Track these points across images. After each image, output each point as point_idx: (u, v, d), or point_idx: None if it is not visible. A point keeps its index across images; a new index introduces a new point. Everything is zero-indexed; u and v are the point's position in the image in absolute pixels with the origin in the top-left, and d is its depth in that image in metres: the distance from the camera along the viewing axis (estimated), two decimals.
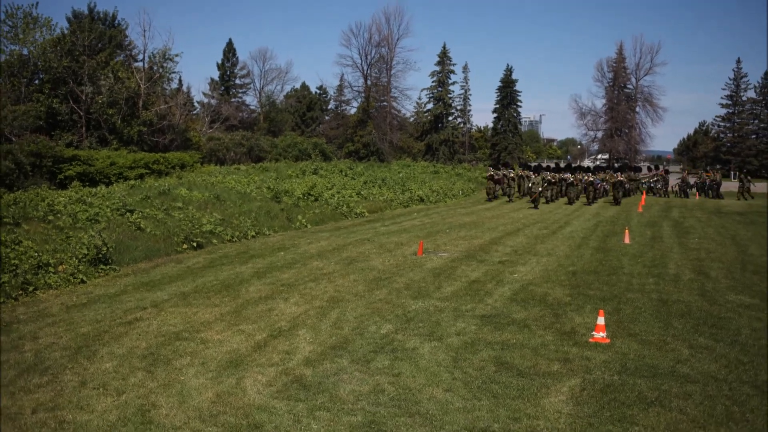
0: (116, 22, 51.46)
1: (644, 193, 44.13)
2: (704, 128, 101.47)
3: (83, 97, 42.99)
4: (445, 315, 12.68)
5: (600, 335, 11.21)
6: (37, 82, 45.10)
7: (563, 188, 40.67)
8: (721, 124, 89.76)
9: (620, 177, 40.39)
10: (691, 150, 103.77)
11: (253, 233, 22.33)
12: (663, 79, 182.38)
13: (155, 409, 8.29)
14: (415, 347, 10.72)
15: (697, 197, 44.23)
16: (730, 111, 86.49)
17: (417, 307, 13.29)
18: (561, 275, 16.63)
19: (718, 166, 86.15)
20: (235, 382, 9.18)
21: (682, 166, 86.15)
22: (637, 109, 76.17)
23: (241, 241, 21.33)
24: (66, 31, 46.10)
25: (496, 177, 41.15)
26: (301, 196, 28.90)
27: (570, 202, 37.97)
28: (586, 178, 40.24)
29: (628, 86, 76.54)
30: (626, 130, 75.96)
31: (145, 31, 67.79)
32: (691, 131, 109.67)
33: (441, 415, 8.16)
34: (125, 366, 9.76)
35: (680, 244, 22.27)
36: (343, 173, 42.84)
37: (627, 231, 23.42)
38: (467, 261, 18.27)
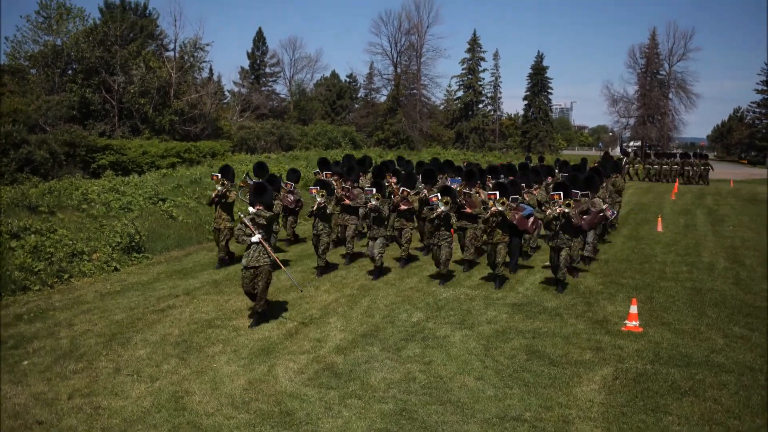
0: (147, 12, 51.75)
1: (677, 180, 43.57)
2: (739, 114, 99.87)
3: (115, 87, 43.32)
4: (476, 303, 12.65)
5: (633, 324, 11.12)
6: (70, 72, 45.47)
7: None
8: (757, 110, 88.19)
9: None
10: (725, 137, 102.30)
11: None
12: (697, 64, 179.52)
13: (188, 396, 8.37)
14: (446, 335, 10.71)
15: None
16: (766, 97, 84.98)
17: (448, 295, 13.27)
18: (593, 263, 16.50)
19: (753, 153, 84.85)
20: (267, 369, 9.24)
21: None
22: (670, 95, 74.97)
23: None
24: (98, 22, 46.45)
25: None
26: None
27: None
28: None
29: (661, 72, 75.37)
30: (659, 117, 74.84)
31: (176, 20, 68.40)
32: (726, 118, 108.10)
33: (472, 403, 8.15)
34: (158, 353, 9.86)
35: (714, 232, 21.98)
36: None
37: (660, 219, 23.15)
38: None
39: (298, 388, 8.60)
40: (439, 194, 14.05)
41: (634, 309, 11.30)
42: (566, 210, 13.02)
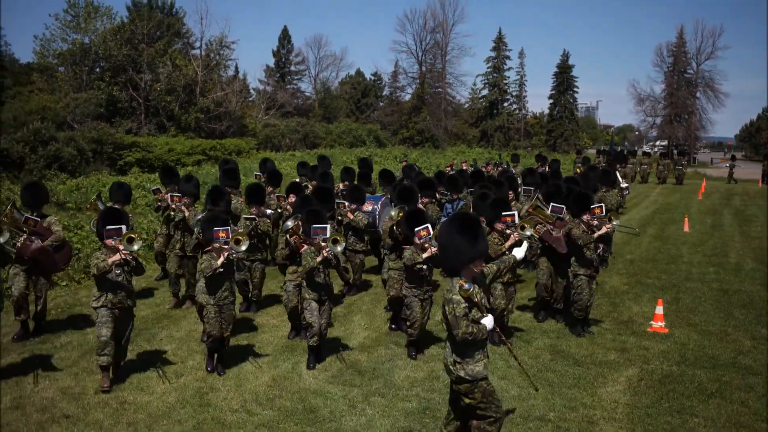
0: (174, 10, 52.08)
1: (704, 179, 43.15)
2: None
3: (142, 85, 43.66)
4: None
5: (658, 325, 11.03)
6: (98, 70, 45.88)
7: None
8: None
9: None
10: (753, 136, 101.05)
11: None
12: (725, 63, 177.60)
13: (213, 392, 8.43)
14: None
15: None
16: None
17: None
18: (618, 263, 16.39)
19: None
20: (291, 366, 9.27)
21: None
22: (698, 94, 74.07)
23: None
24: (126, 20, 46.84)
25: None
26: (356, 182, 28.92)
27: None
28: None
29: (689, 71, 74.52)
30: (686, 116, 74.02)
31: (202, 18, 69.03)
32: (754, 117, 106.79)
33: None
34: (184, 349, 9.94)
35: (742, 232, 21.73)
36: (398, 160, 42.75)
37: (686, 219, 22.94)
38: None
39: (321, 386, 8.62)
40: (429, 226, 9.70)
41: (659, 310, 11.21)
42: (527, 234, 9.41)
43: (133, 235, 8.38)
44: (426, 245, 9.45)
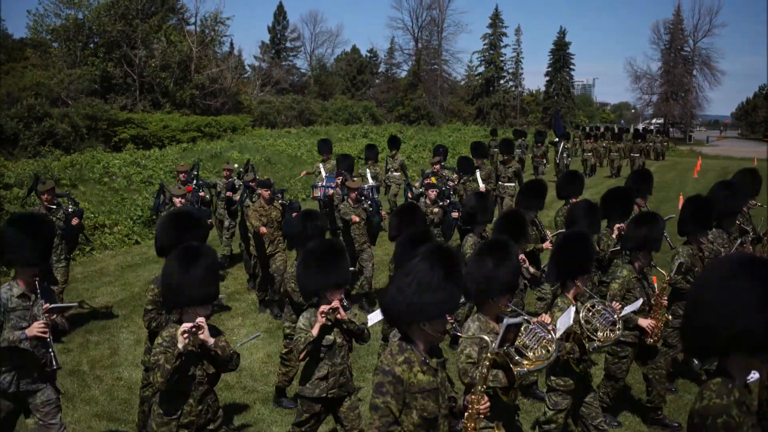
0: None
1: (700, 158, 43.15)
2: (764, 92, 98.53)
3: (137, 61, 43.38)
4: None
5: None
6: (92, 46, 45.54)
7: None
8: None
9: None
10: (750, 114, 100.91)
11: (304, 196, 22.43)
12: (722, 41, 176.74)
13: None
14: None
15: None
16: None
17: None
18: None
19: None
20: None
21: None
22: (694, 72, 73.97)
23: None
24: None
25: None
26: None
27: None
28: None
29: (686, 49, 74.32)
30: (682, 94, 73.90)
31: None
32: (751, 95, 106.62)
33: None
34: None
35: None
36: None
37: (681, 197, 22.93)
38: None
39: None
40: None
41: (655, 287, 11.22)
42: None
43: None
44: None
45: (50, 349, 5.57)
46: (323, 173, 13.99)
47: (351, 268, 6.76)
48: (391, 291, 4.11)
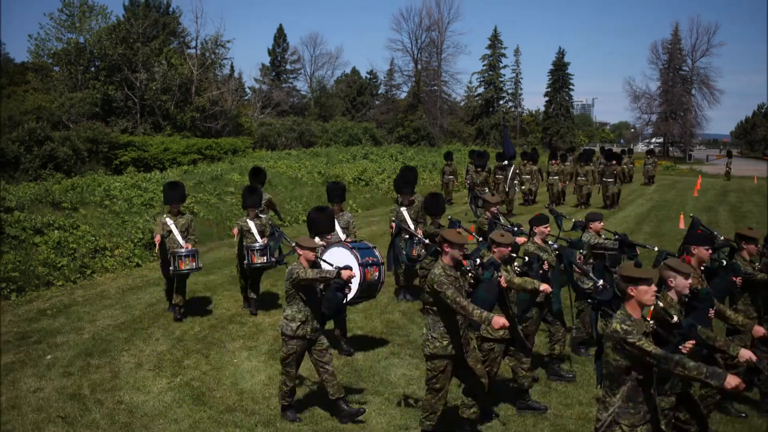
0: (170, 9, 52.03)
1: (700, 176, 43.19)
2: (763, 110, 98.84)
3: (138, 84, 43.59)
4: None
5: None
6: (93, 69, 45.81)
7: None
8: None
9: None
10: (749, 133, 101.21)
11: (304, 218, 22.41)
12: (720, 60, 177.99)
13: (209, 392, 8.43)
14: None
15: None
16: None
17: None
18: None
19: None
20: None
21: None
22: (693, 91, 74.28)
23: (293, 225, 21.46)
24: (121, 19, 46.80)
25: None
26: (351, 180, 28.95)
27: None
28: None
29: (684, 68, 74.70)
30: (681, 113, 74.17)
31: (197, 18, 67.86)
32: (750, 114, 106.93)
33: (493, 399, 8.14)
34: (179, 348, 9.93)
35: (737, 229, 21.69)
36: (394, 158, 42.70)
37: (682, 216, 22.96)
38: None
39: (318, 384, 8.62)
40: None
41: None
42: None
43: None
44: None
45: None
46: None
47: None
48: None
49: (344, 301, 8.23)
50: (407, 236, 9.75)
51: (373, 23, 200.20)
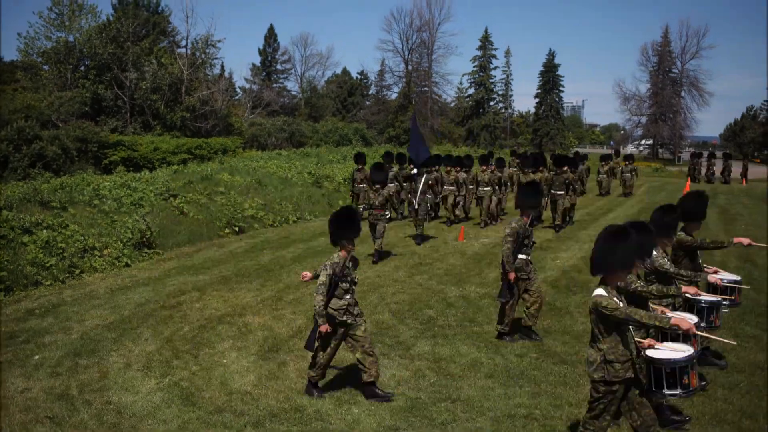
0: (160, 8, 52.03)
1: (689, 179, 43.30)
2: (752, 113, 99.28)
3: (127, 84, 43.48)
4: (486, 301, 12.62)
5: None
6: (82, 68, 45.71)
7: None
8: None
9: None
10: (738, 135, 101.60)
11: (294, 218, 22.41)
12: (710, 63, 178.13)
13: (198, 392, 8.39)
14: (456, 333, 10.69)
15: None
16: None
17: (458, 293, 13.25)
18: None
19: (766, 152, 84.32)
20: (277, 366, 9.25)
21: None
22: (683, 93, 74.65)
23: (282, 226, 21.44)
24: (111, 18, 46.70)
25: None
26: (342, 181, 28.90)
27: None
28: None
29: (674, 70, 75.03)
30: (671, 115, 74.48)
31: (187, 17, 67.77)
32: (739, 116, 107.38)
33: (482, 401, 8.14)
34: (169, 349, 9.89)
35: (726, 231, 21.84)
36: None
37: None
38: None
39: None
40: None
41: None
42: None
43: None
44: None
45: None
46: None
47: None
48: None
49: None
50: None
51: (363, 24, 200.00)
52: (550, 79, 76.37)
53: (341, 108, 71.21)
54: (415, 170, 20.00)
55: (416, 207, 18.73)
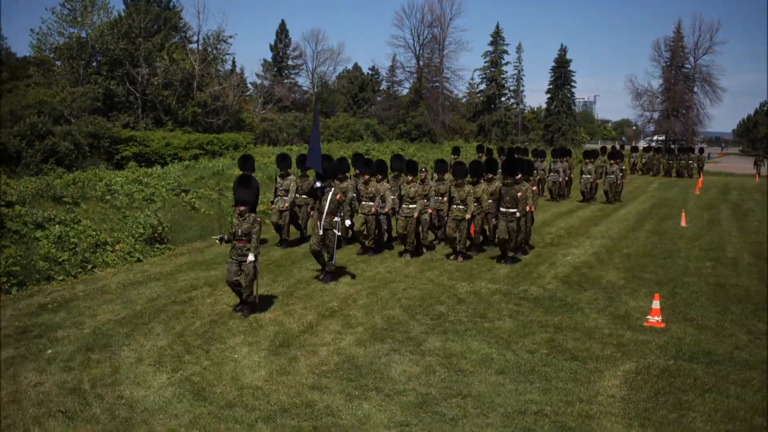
0: (171, 4, 52.10)
1: (701, 174, 43.12)
2: (765, 109, 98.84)
3: (139, 79, 43.58)
4: (497, 297, 12.60)
5: (655, 319, 11.02)
6: (94, 64, 45.85)
7: None
8: None
9: None
10: (751, 131, 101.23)
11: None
12: (722, 58, 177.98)
13: (210, 387, 8.42)
14: (467, 329, 10.68)
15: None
16: None
17: (468, 288, 13.24)
18: (615, 258, 16.39)
19: None
20: (288, 361, 9.27)
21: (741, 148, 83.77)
22: (695, 89, 74.29)
23: None
24: (123, 14, 46.81)
25: None
26: (349, 177, 28.88)
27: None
28: None
29: (686, 66, 74.67)
30: (683, 111, 74.17)
31: (199, 13, 67.84)
32: (752, 112, 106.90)
33: (493, 397, 8.13)
34: (180, 343, 9.92)
35: (739, 227, 21.74)
36: (395, 154, 42.63)
37: (683, 213, 22.95)
38: None
39: (318, 380, 8.62)
40: None
41: (656, 304, 11.21)
42: None
43: None
44: None
45: None
46: None
47: None
48: None
49: None
50: None
51: (375, 19, 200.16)
52: (561, 74, 76.17)
53: (352, 103, 71.21)
54: (318, 183, 13.66)
55: (319, 233, 13.40)
